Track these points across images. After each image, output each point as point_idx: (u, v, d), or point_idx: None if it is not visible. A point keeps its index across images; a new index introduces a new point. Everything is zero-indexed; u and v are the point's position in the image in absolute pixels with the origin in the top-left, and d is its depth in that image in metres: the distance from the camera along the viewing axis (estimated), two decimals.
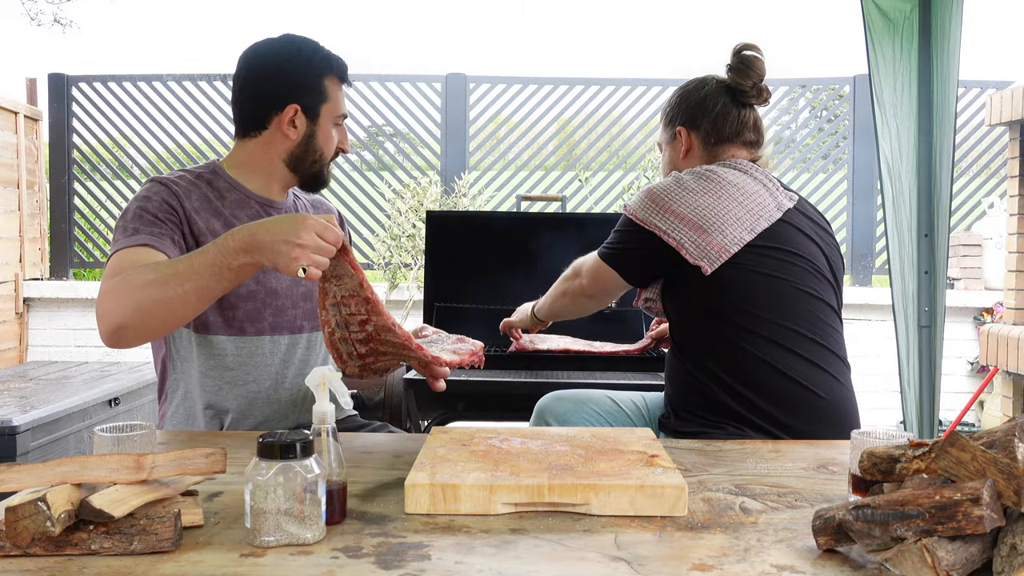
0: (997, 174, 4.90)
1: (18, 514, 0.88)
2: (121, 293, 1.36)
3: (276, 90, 1.62)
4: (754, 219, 1.67)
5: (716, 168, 1.72)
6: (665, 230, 1.67)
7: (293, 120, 1.62)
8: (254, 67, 1.64)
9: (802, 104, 5.21)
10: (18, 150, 4.67)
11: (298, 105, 1.62)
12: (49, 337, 4.71)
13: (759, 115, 1.83)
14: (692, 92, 1.83)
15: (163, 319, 1.37)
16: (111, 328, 1.38)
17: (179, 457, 0.99)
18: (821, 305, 1.69)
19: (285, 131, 1.63)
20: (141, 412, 3.90)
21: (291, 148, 1.65)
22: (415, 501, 1.06)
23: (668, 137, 1.87)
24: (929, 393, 2.46)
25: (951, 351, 4.54)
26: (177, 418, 1.65)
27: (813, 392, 1.63)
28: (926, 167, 2.43)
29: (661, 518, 1.05)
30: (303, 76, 1.62)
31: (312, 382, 1.09)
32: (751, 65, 1.77)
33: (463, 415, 2.42)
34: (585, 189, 4.95)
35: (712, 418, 1.64)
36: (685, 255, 1.64)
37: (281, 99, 1.61)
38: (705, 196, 1.67)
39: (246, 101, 1.65)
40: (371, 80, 4.91)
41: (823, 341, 1.67)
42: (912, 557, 0.81)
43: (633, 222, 1.71)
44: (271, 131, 1.64)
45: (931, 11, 2.39)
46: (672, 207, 1.67)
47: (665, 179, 1.75)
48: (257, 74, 1.64)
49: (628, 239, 1.74)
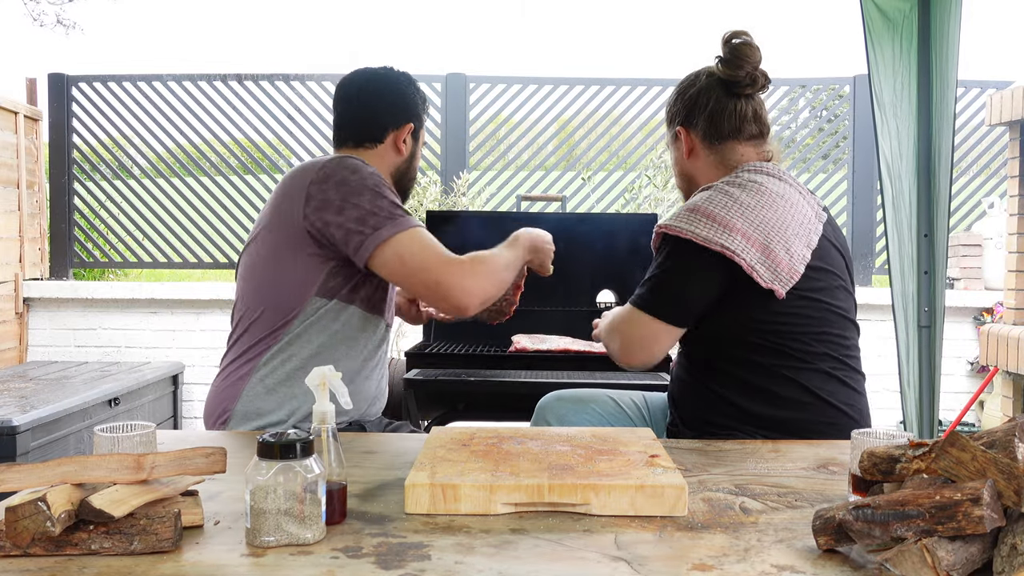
0: (997, 174, 4.90)
1: (18, 514, 0.88)
2: (489, 272, 1.68)
3: (396, 109, 1.84)
4: (808, 234, 1.57)
5: (757, 177, 1.61)
6: (735, 251, 1.50)
7: (405, 138, 1.84)
8: (375, 87, 1.84)
9: (802, 104, 5.21)
10: (18, 150, 4.66)
11: (412, 125, 1.85)
12: (49, 337, 4.70)
13: (759, 103, 1.71)
14: (686, 89, 1.74)
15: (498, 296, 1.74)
16: (482, 300, 1.67)
17: (179, 457, 0.99)
18: (847, 323, 1.63)
19: (399, 146, 1.84)
20: (141, 412, 3.90)
21: (399, 163, 1.86)
22: (415, 501, 1.06)
23: (671, 137, 1.79)
24: (929, 393, 2.46)
25: (951, 351, 4.54)
26: (276, 377, 1.70)
27: (839, 409, 1.58)
28: (926, 167, 2.43)
29: (661, 518, 1.05)
30: (416, 102, 1.87)
31: (312, 382, 1.09)
32: (742, 54, 1.65)
33: (463, 415, 2.42)
34: (585, 189, 4.94)
35: (734, 432, 1.59)
36: (757, 278, 1.50)
37: (400, 118, 1.84)
38: (763, 210, 1.54)
39: (366, 115, 1.83)
40: None
41: (846, 358, 1.62)
42: (912, 557, 0.81)
43: (690, 244, 1.52)
44: (386, 145, 1.84)
45: (930, 11, 2.39)
46: (734, 223, 1.52)
47: (704, 193, 1.60)
48: (378, 92, 1.84)
49: (683, 268, 1.54)
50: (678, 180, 1.82)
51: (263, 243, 1.71)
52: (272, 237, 1.69)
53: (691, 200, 1.60)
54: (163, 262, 4.94)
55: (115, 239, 4.95)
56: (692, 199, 1.61)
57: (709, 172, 1.72)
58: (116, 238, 4.95)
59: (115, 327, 4.68)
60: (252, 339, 1.72)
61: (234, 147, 4.97)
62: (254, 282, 1.73)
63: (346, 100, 1.85)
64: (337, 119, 1.86)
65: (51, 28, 8.43)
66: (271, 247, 1.69)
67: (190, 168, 5.13)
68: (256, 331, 1.71)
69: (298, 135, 4.88)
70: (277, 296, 1.68)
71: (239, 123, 4.88)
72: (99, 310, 4.69)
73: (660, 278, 1.58)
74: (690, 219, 1.55)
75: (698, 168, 1.74)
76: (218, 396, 1.74)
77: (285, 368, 1.69)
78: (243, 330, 1.74)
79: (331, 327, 1.70)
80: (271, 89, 4.83)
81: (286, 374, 1.69)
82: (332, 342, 1.70)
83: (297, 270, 1.65)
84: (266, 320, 1.70)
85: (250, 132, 4.92)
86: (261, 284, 1.71)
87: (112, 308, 4.67)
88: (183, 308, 4.61)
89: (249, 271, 1.75)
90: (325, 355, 1.68)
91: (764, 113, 1.72)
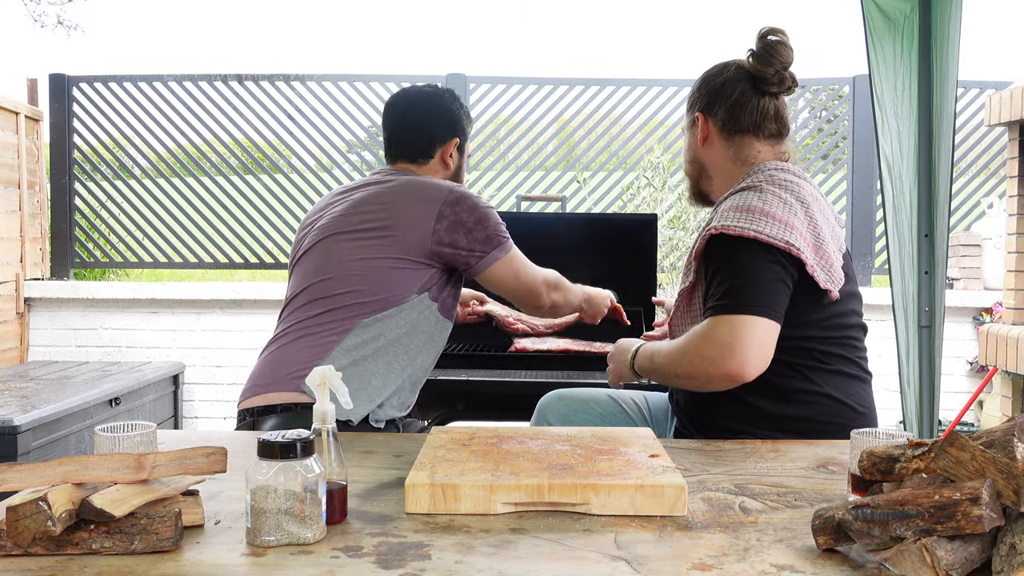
0: (996, 174, 4.90)
1: (19, 513, 0.88)
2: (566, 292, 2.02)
3: (443, 126, 1.98)
4: (839, 238, 1.58)
5: (791, 178, 1.59)
6: (801, 249, 1.47)
7: (452, 152, 1.99)
8: (421, 105, 1.99)
9: (801, 104, 5.20)
10: (19, 150, 4.67)
11: (458, 139, 1.99)
12: (50, 337, 4.71)
13: (783, 104, 1.70)
14: (712, 77, 1.72)
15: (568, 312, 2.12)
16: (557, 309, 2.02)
17: (180, 457, 0.99)
18: (861, 325, 1.65)
19: (447, 160, 1.99)
20: (141, 412, 3.90)
21: (448, 176, 1.99)
22: (415, 501, 1.06)
23: (688, 122, 1.77)
24: (929, 393, 2.46)
25: (950, 351, 4.54)
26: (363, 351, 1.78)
27: (855, 409, 1.60)
28: (926, 167, 2.43)
29: (661, 518, 1.05)
30: (459, 117, 2.00)
31: (312, 382, 1.09)
32: (775, 51, 1.64)
33: (463, 415, 2.42)
34: (585, 189, 4.95)
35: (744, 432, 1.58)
36: (817, 278, 1.49)
37: (446, 133, 1.98)
38: (808, 211, 1.53)
39: (415, 133, 1.97)
40: (371, 80, 4.91)
41: (860, 360, 1.64)
42: (912, 557, 0.82)
43: (756, 243, 1.47)
44: (436, 160, 1.98)
45: (931, 11, 2.39)
46: (793, 222, 1.49)
47: (750, 194, 1.55)
48: (425, 110, 1.98)
49: (760, 266, 1.47)
50: (688, 166, 1.80)
51: (373, 240, 1.83)
52: (388, 239, 1.83)
53: (739, 202, 1.54)
54: (164, 262, 4.94)
55: (116, 239, 4.95)
56: (737, 200, 1.55)
57: (722, 163, 1.71)
58: (117, 238, 4.96)
59: (116, 327, 4.68)
60: (342, 313, 1.80)
61: (234, 147, 4.97)
62: (350, 268, 1.83)
63: (394, 119, 2.00)
64: (388, 136, 2.01)
65: (52, 29, 8.44)
66: (385, 246, 1.82)
67: (190, 168, 5.13)
68: (347, 307, 1.81)
69: (298, 135, 4.88)
70: (379, 285, 1.81)
71: (239, 123, 4.88)
72: (100, 310, 4.69)
73: (744, 277, 1.48)
74: (751, 219, 1.49)
75: (711, 157, 1.73)
76: (297, 355, 1.78)
77: (373, 344, 1.79)
78: (328, 304, 1.82)
79: (418, 322, 1.84)
80: (271, 89, 4.83)
81: (373, 350, 1.79)
82: (415, 332, 1.84)
83: (406, 270, 1.81)
84: (361, 300, 1.81)
85: (250, 132, 4.92)
86: (364, 272, 1.81)
87: (113, 308, 4.67)
88: (184, 308, 4.61)
89: (343, 255, 1.84)
90: (406, 342, 1.82)
91: (787, 114, 1.70)
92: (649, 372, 1.65)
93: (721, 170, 1.72)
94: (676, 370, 1.53)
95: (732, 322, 1.44)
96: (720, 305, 1.46)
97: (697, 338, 1.48)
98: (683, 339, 1.53)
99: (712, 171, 1.74)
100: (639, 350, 1.68)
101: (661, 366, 1.59)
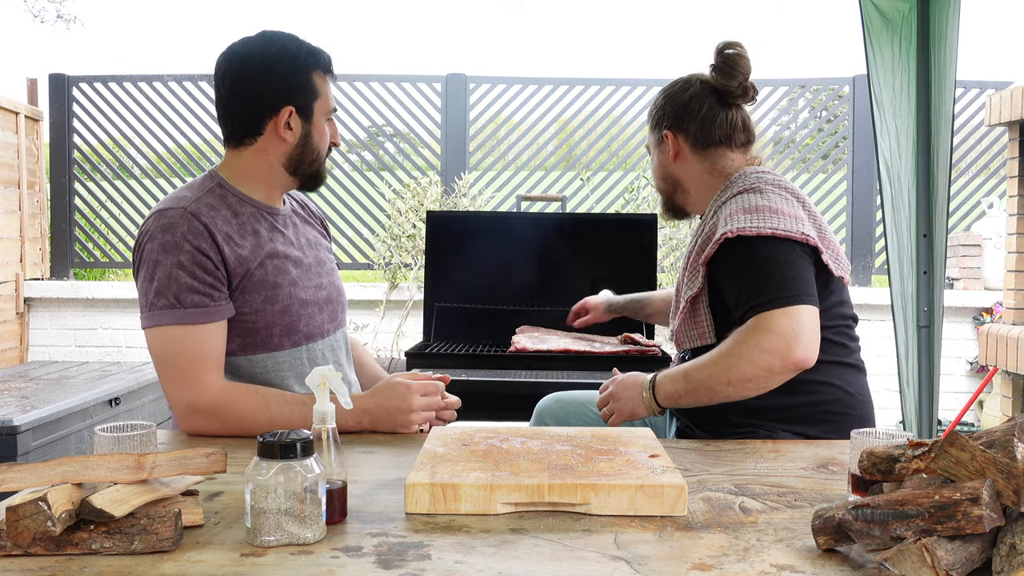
0: (996, 174, 4.91)
1: (19, 513, 0.88)
2: (225, 419, 1.51)
3: (267, 93, 1.56)
4: (829, 236, 1.63)
5: (778, 178, 1.64)
6: (817, 240, 1.54)
7: (288, 122, 1.58)
8: (240, 72, 1.57)
9: (801, 104, 5.21)
10: (19, 150, 4.67)
11: (292, 107, 1.57)
12: (50, 337, 4.71)
13: (747, 113, 1.76)
14: (676, 94, 1.76)
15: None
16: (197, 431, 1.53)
17: (179, 457, 0.99)
18: (851, 317, 1.69)
19: (282, 134, 1.58)
20: (141, 412, 3.90)
21: (289, 151, 1.60)
22: (415, 501, 1.06)
23: (655, 140, 1.80)
24: (928, 393, 2.46)
25: (950, 351, 4.54)
26: None
27: (852, 395, 1.63)
28: (925, 167, 2.43)
29: (661, 518, 1.05)
30: (293, 75, 1.57)
31: (312, 382, 1.09)
32: (735, 65, 1.69)
33: (463, 415, 2.42)
34: (585, 189, 4.95)
35: (747, 425, 1.60)
36: (831, 267, 1.55)
37: (274, 102, 1.57)
38: (803, 206, 1.59)
39: (237, 108, 1.59)
40: (371, 80, 4.91)
41: (854, 347, 1.68)
42: (912, 557, 0.82)
43: (773, 239, 1.50)
44: (267, 136, 1.59)
45: (930, 11, 2.39)
46: (800, 215, 1.55)
47: (750, 195, 1.58)
48: (245, 79, 1.57)
49: (783, 257, 1.50)
50: (660, 183, 1.83)
51: None
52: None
53: (743, 204, 1.56)
54: None
55: (116, 239, 4.95)
56: (741, 203, 1.56)
57: (699, 177, 1.75)
58: (117, 238, 4.96)
59: (115, 327, 4.68)
60: None
61: None
62: None
63: (217, 92, 1.61)
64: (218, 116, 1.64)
65: (51, 24, 8.45)
66: None
67: (190, 168, 5.13)
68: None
69: None
70: None
71: None
72: (99, 310, 4.69)
73: (783, 270, 1.48)
74: (763, 217, 1.51)
75: (685, 173, 1.76)
76: None
77: None
78: None
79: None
80: None
81: None
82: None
83: None
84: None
85: None
86: None
87: (112, 308, 4.67)
88: None
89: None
90: None
91: (751, 123, 1.77)
92: (683, 395, 1.54)
93: (698, 183, 1.75)
94: (729, 375, 1.47)
95: (790, 312, 1.44)
96: (772, 299, 1.46)
97: (755, 334, 1.45)
98: (728, 343, 1.49)
99: (688, 185, 1.77)
100: (656, 380, 1.59)
101: (705, 379, 1.50)
